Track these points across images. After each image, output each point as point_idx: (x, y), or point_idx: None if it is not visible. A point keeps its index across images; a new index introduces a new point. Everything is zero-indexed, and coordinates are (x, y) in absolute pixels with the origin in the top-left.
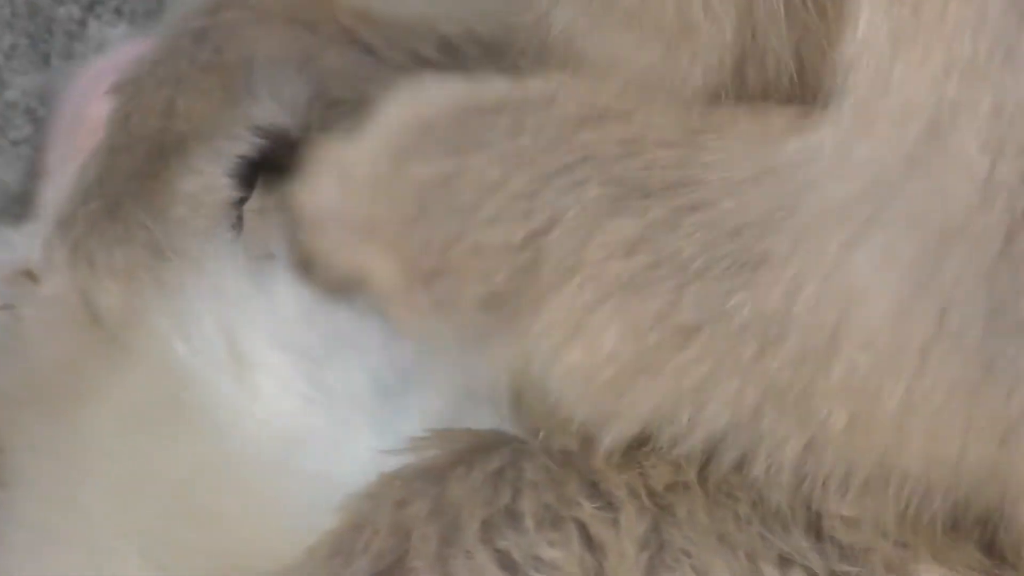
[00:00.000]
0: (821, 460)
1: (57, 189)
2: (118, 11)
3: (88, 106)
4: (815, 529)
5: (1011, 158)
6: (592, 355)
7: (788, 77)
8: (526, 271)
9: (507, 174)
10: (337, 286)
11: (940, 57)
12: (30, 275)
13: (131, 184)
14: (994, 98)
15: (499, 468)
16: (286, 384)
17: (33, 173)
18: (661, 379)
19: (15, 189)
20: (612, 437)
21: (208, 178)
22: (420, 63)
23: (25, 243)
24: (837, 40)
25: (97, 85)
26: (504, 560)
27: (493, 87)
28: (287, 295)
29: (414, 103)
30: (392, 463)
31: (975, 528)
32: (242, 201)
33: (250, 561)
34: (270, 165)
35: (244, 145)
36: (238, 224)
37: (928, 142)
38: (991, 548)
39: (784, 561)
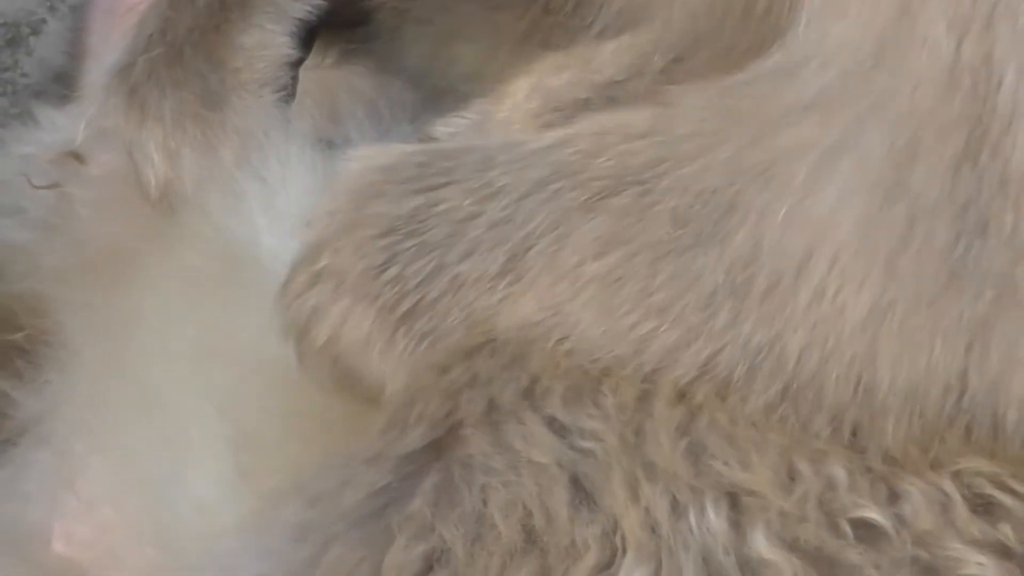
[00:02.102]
0: (799, 403)
1: (100, 69)
2: None
3: None
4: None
5: (975, 37)
6: (563, 342)
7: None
8: (508, 293)
9: (481, 205)
10: (322, 352)
11: None
12: (76, 156)
13: (192, 35)
14: None
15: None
16: None
17: (75, 54)
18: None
19: (60, 68)
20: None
21: (267, 35)
22: None
23: (69, 124)
24: None
25: None
26: (554, 425)
27: (456, 140)
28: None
29: (373, 157)
30: None
31: None
32: (299, 62)
33: (323, 416)
34: (331, 24)
35: (305, 6)
36: (292, 85)
37: (898, 23)
38: None
39: (819, 456)
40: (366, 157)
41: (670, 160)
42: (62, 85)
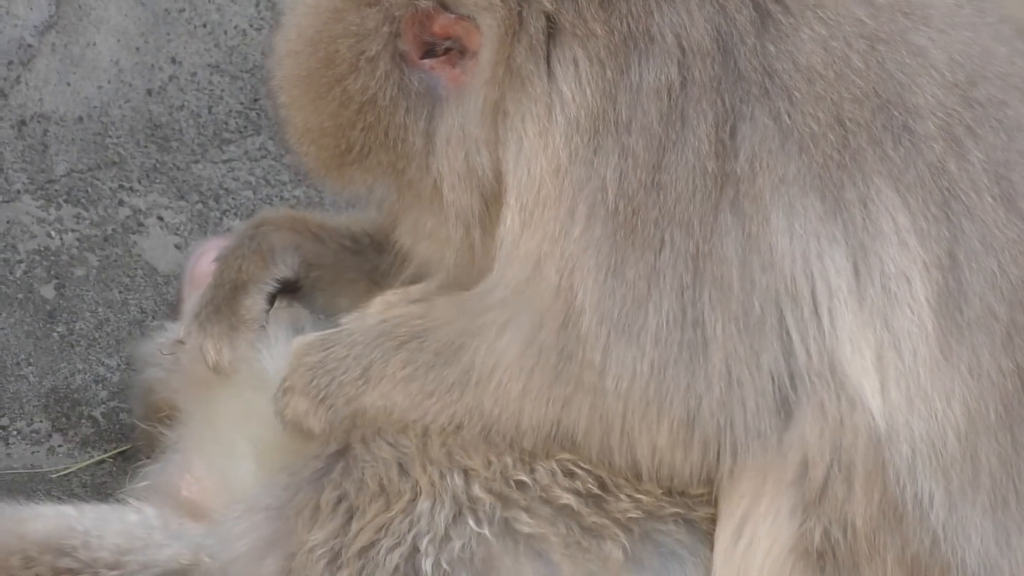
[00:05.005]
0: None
1: (188, 307)
2: None
3: (196, 269)
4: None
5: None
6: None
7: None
8: (363, 389)
9: (348, 351)
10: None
11: (538, 236)
12: (180, 341)
13: (222, 300)
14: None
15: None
16: None
17: (178, 298)
18: None
19: (172, 303)
20: None
21: (257, 299)
22: (345, 249)
23: (176, 329)
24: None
25: (201, 259)
26: (389, 442)
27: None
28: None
29: (304, 341)
30: None
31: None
32: (269, 308)
33: (290, 444)
34: (283, 291)
35: (272, 286)
36: (266, 316)
37: (533, 270)
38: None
39: (499, 453)
40: (300, 342)
41: (431, 328)
42: (174, 312)
